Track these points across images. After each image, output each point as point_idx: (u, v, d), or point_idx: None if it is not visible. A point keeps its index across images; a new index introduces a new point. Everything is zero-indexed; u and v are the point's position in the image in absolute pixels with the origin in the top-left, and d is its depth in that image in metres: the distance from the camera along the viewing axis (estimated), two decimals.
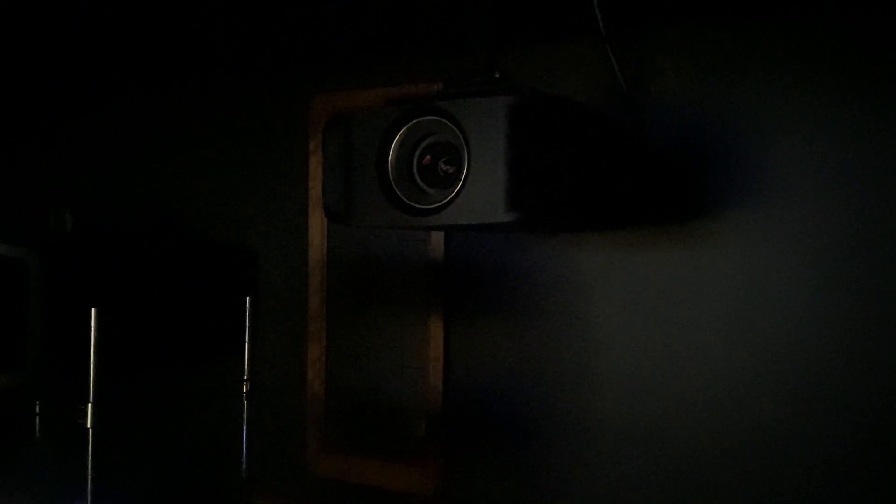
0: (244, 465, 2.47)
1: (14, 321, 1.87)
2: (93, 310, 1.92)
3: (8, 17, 2.37)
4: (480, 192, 1.58)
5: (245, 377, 2.45)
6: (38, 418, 2.75)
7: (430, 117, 1.65)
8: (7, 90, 3.40)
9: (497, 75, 1.73)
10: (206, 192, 3.26)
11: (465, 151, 1.59)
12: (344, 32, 2.54)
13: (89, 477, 1.94)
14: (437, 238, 2.77)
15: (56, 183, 3.61)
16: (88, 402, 1.94)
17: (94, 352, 1.93)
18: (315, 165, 2.99)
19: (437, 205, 1.65)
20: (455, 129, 1.60)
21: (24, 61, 2.92)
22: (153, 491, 2.53)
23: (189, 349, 2.31)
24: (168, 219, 3.31)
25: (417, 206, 1.69)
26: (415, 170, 1.70)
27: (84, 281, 1.97)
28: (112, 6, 2.25)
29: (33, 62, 2.94)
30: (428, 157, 1.69)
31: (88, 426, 1.94)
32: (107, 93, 3.42)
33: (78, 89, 3.40)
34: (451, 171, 1.65)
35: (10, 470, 2.54)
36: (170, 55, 2.84)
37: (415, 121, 1.67)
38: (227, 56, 2.86)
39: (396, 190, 1.70)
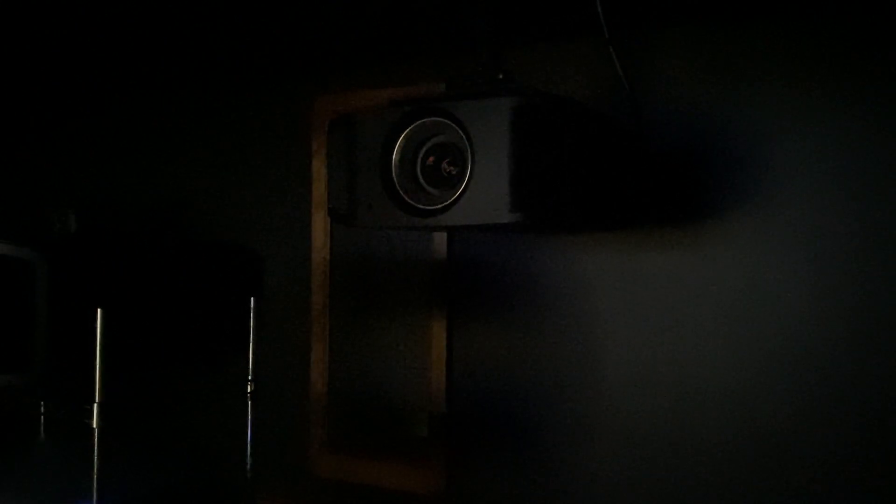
0: (248, 465, 2.48)
1: (19, 322, 1.87)
2: (98, 310, 1.92)
3: (8, 17, 2.38)
4: (484, 193, 1.58)
5: (249, 378, 2.46)
6: (43, 418, 2.76)
7: (433, 118, 1.66)
8: (10, 91, 3.41)
9: (500, 76, 1.74)
10: (209, 193, 3.26)
11: (469, 152, 1.59)
12: (346, 33, 2.54)
13: (94, 477, 1.95)
14: (440, 238, 2.77)
15: (60, 184, 3.62)
16: (94, 402, 1.94)
17: (100, 352, 1.93)
18: (318, 166, 2.99)
19: (440, 205, 1.66)
20: (458, 130, 1.61)
21: (25, 62, 2.93)
22: (157, 490, 2.54)
23: (193, 350, 2.32)
24: (172, 220, 3.32)
25: (421, 206, 1.69)
26: (418, 171, 1.71)
27: (89, 281, 1.97)
28: (112, 6, 2.26)
29: (35, 63, 2.95)
30: (431, 158, 1.70)
31: (94, 426, 1.95)
32: (110, 93, 3.42)
33: (81, 90, 3.40)
34: (454, 171, 1.66)
35: (16, 470, 2.55)
36: (171, 56, 2.85)
37: (418, 122, 1.68)
38: (229, 57, 2.87)
39: (400, 191, 1.71)
